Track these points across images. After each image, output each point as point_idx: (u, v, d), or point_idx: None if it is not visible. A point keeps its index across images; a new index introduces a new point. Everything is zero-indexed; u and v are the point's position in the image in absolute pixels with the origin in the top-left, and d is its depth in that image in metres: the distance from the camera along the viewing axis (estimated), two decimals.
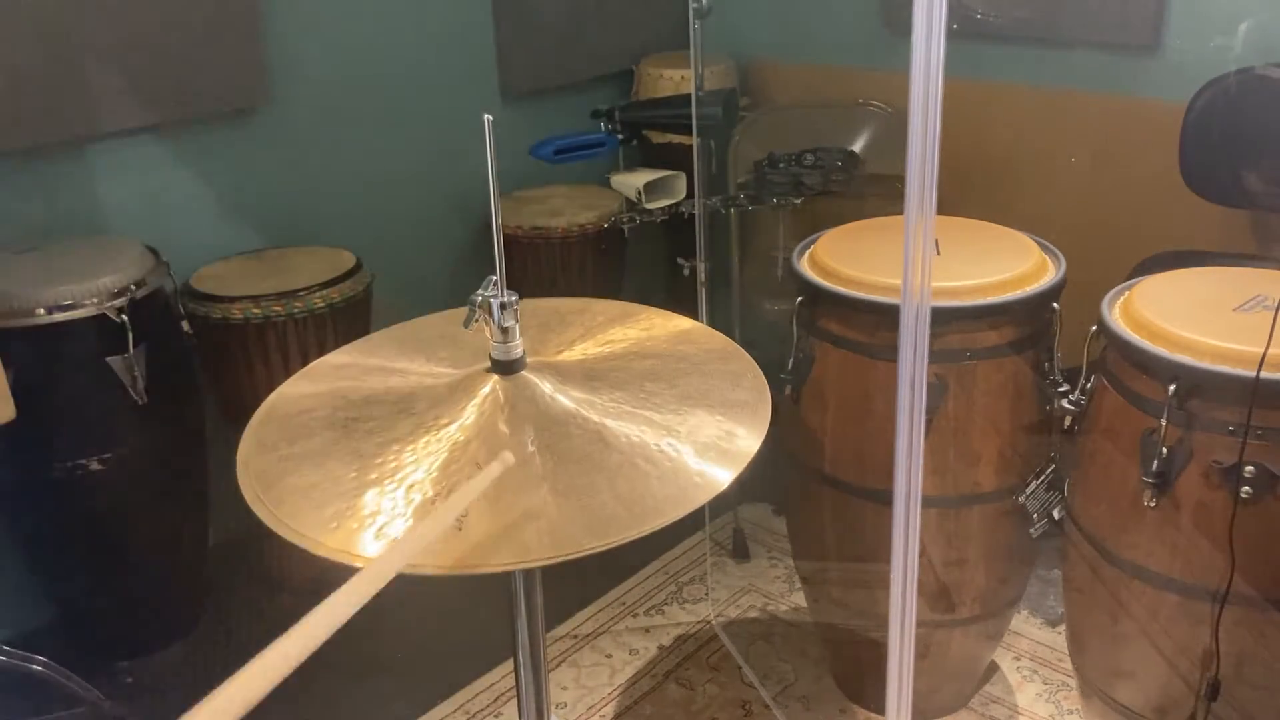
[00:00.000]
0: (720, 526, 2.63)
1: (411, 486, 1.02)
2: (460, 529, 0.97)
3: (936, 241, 1.85)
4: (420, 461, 1.05)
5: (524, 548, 0.97)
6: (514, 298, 1.14)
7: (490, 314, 1.13)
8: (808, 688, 2.18)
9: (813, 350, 1.87)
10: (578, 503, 1.00)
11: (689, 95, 2.35)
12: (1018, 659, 2.23)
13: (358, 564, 0.95)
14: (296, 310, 2.25)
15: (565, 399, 1.13)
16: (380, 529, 0.98)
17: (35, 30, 2.13)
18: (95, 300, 2.01)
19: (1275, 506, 1.46)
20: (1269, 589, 1.50)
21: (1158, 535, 1.57)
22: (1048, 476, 1.86)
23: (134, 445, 2.12)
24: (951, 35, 0.92)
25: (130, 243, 2.20)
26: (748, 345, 1.29)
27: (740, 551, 2.60)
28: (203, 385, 2.34)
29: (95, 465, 2.07)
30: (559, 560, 0.96)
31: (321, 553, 0.97)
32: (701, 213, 2.36)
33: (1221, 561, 1.49)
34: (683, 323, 1.34)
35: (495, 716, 2.14)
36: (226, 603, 2.43)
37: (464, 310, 1.15)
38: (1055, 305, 1.80)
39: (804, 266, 1.90)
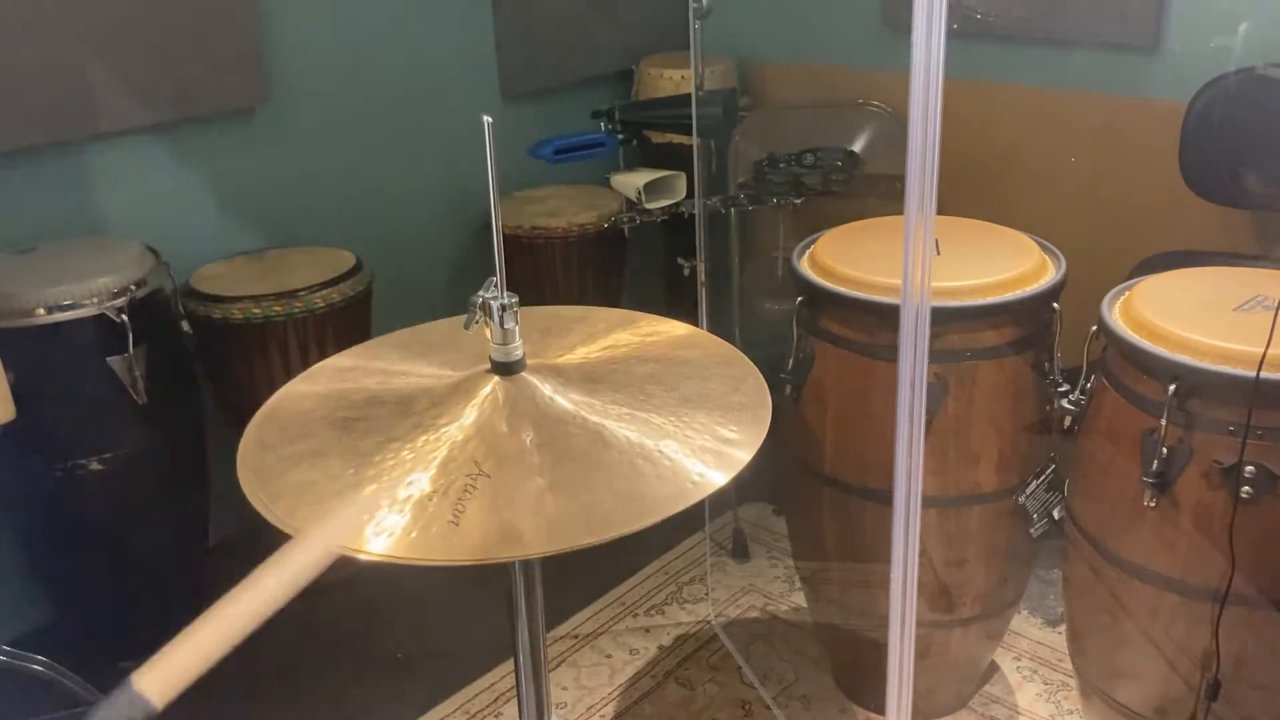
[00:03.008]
0: (720, 526, 2.63)
1: (410, 484, 1.03)
2: (458, 524, 0.98)
3: (936, 241, 1.85)
4: (420, 460, 1.05)
5: (522, 541, 0.97)
6: (514, 299, 1.14)
7: (490, 315, 1.14)
8: (808, 688, 2.18)
9: (813, 350, 1.87)
10: (576, 499, 1.01)
11: (689, 95, 2.35)
12: (1018, 659, 2.23)
13: (358, 558, 0.96)
14: (296, 310, 2.25)
15: (565, 400, 1.13)
16: (378, 525, 0.98)
17: (34, 30, 2.13)
18: (95, 300, 2.01)
19: (1275, 506, 1.46)
20: (1269, 589, 1.50)
21: (1158, 535, 1.57)
22: (1048, 476, 1.86)
23: (134, 445, 2.12)
24: (951, 35, 0.92)
25: (130, 243, 2.20)
26: (748, 345, 1.29)
27: (740, 551, 2.60)
28: (203, 385, 2.34)
29: (95, 465, 2.07)
30: (556, 553, 0.96)
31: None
32: (701, 213, 2.36)
33: (1221, 561, 1.49)
34: (683, 328, 1.35)
35: (495, 716, 2.14)
36: None
37: (465, 316, 1.16)
38: (1055, 305, 1.80)
39: (804, 266, 1.90)
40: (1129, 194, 2.52)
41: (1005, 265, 1.79)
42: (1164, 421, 1.50)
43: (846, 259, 1.84)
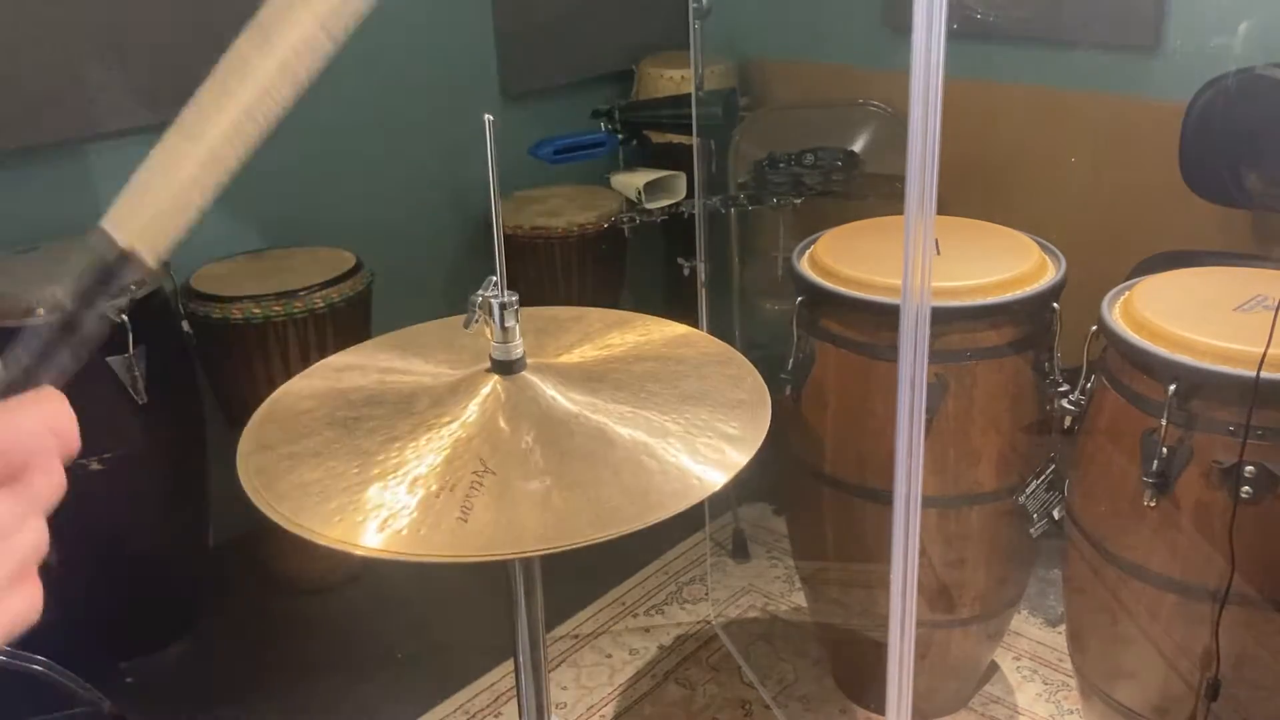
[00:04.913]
0: (720, 526, 2.63)
1: (415, 481, 1.02)
2: (467, 521, 0.98)
3: (936, 241, 1.85)
4: (423, 458, 1.05)
5: (528, 537, 0.97)
6: (514, 298, 1.14)
7: (490, 314, 1.13)
8: (808, 688, 2.18)
9: (813, 350, 1.87)
10: (584, 495, 1.01)
11: (689, 95, 2.35)
12: (1018, 659, 2.23)
13: (359, 554, 0.95)
14: (296, 310, 2.25)
15: (566, 399, 1.13)
16: (384, 521, 0.98)
17: (35, 30, 2.13)
18: None
19: (1275, 506, 1.46)
20: (1269, 589, 1.50)
21: (1158, 535, 1.57)
22: (1048, 476, 1.86)
23: (134, 445, 2.11)
24: (951, 35, 0.92)
25: None
26: (748, 345, 1.29)
27: (740, 551, 2.59)
28: (203, 385, 2.34)
29: (95, 465, 2.07)
30: (566, 549, 0.96)
31: (325, 544, 0.97)
32: (701, 213, 2.36)
33: (1221, 561, 1.49)
34: (679, 328, 1.35)
35: (495, 716, 2.14)
36: (226, 603, 2.43)
37: (464, 316, 1.16)
38: (1055, 305, 1.80)
39: (804, 266, 1.90)
40: (1129, 194, 2.52)
41: (1005, 265, 1.79)
42: (1164, 421, 1.50)
43: (846, 259, 1.84)
